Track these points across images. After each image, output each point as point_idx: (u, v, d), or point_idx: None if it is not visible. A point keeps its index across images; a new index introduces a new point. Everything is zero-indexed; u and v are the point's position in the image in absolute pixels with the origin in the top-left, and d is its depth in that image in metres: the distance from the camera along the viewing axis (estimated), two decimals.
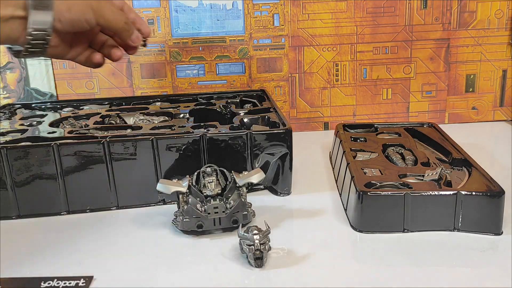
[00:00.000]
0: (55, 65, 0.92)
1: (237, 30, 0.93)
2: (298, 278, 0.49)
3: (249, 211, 0.58)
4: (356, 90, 0.96)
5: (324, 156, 0.82)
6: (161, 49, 0.93)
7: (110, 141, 0.63)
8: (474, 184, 0.57)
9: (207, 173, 0.58)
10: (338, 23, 0.93)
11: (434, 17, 0.93)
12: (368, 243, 0.55)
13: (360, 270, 0.50)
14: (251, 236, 0.50)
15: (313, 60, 0.94)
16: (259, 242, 0.49)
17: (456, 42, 0.94)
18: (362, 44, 0.94)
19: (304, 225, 0.59)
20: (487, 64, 0.96)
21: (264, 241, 0.50)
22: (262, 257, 0.49)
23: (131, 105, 0.84)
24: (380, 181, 0.59)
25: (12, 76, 0.93)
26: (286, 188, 0.67)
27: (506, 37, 0.94)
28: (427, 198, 0.55)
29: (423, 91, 0.97)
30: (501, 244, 0.53)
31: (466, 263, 0.50)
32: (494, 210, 0.55)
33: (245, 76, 0.95)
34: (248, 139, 0.65)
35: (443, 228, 0.56)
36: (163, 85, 0.94)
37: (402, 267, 0.50)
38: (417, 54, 0.95)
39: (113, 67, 0.93)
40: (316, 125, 0.98)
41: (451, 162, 0.66)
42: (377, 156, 0.68)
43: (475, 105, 0.98)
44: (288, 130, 0.66)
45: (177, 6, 0.91)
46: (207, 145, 0.65)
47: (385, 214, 0.56)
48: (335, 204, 0.64)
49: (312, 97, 0.96)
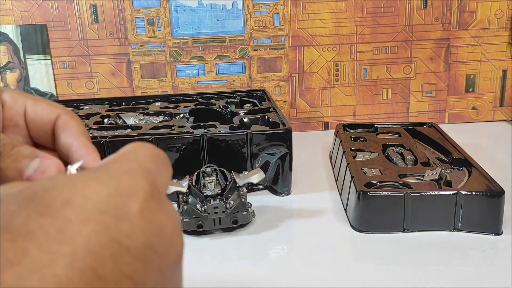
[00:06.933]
0: (55, 65, 0.92)
1: (237, 30, 0.93)
2: (298, 278, 0.49)
3: (249, 211, 0.58)
4: (356, 90, 0.96)
5: (324, 156, 0.82)
6: (161, 49, 0.93)
7: (110, 141, 0.63)
8: (474, 184, 0.57)
9: (207, 173, 0.58)
10: (338, 23, 0.93)
11: (434, 17, 0.93)
12: (368, 243, 0.55)
13: (360, 270, 0.50)
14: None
15: (313, 60, 0.94)
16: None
17: (456, 42, 0.94)
18: (362, 44, 0.94)
19: (304, 225, 0.59)
20: (487, 64, 0.96)
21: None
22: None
23: (131, 105, 0.84)
24: (380, 181, 0.59)
25: (12, 76, 0.93)
26: (286, 188, 0.67)
27: (506, 37, 0.94)
28: (427, 198, 0.55)
29: (423, 91, 0.97)
30: (501, 244, 0.53)
31: (466, 263, 0.50)
32: (494, 210, 0.55)
33: (245, 76, 0.95)
34: (248, 139, 0.65)
35: (443, 228, 0.56)
36: (163, 85, 0.94)
37: (402, 267, 0.50)
38: (417, 54, 0.95)
39: (113, 67, 0.93)
40: (316, 125, 0.98)
41: (451, 162, 0.66)
42: (377, 156, 0.68)
43: (475, 105, 0.98)
44: (288, 130, 0.66)
45: (177, 6, 0.91)
46: (207, 145, 0.65)
47: (385, 214, 0.56)
48: (335, 204, 0.64)
49: (312, 97, 0.96)
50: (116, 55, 0.92)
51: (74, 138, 0.29)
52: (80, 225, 0.18)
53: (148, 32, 0.91)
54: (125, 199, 0.20)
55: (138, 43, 0.92)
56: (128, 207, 0.20)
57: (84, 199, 0.19)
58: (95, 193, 0.20)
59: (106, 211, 0.19)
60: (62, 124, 0.30)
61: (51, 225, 0.18)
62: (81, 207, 0.19)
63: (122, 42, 0.92)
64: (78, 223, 0.18)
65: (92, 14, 0.90)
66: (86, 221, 0.19)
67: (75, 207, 0.19)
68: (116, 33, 0.91)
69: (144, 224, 0.20)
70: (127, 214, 0.20)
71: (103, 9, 0.90)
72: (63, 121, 0.30)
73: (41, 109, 0.30)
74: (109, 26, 0.91)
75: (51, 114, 0.30)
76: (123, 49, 0.92)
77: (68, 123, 0.30)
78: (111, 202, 0.20)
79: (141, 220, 0.20)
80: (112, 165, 0.22)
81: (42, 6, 0.89)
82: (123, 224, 0.19)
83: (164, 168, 0.25)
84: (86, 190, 0.20)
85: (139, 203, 0.20)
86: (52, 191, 0.19)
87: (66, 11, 0.89)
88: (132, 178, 0.21)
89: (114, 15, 0.90)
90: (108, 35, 0.91)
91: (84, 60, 0.92)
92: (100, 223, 0.19)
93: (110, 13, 0.90)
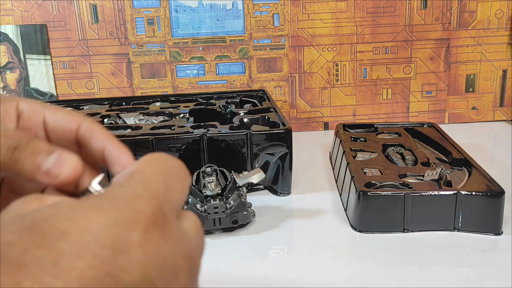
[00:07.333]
0: (55, 65, 0.92)
1: (237, 30, 0.93)
2: (298, 278, 0.49)
3: (249, 211, 0.58)
4: (356, 90, 0.96)
5: (324, 156, 0.82)
6: (161, 49, 0.93)
7: None
8: (474, 184, 0.57)
9: (207, 173, 0.58)
10: (338, 23, 0.93)
11: (434, 17, 0.93)
12: (368, 243, 0.55)
13: (360, 270, 0.50)
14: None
15: (313, 60, 0.94)
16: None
17: (456, 42, 0.94)
18: (362, 44, 0.94)
19: (304, 225, 0.59)
20: (487, 64, 0.96)
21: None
22: None
23: (131, 105, 0.84)
24: (380, 181, 0.59)
25: (12, 76, 0.93)
26: (286, 188, 0.67)
27: (506, 37, 0.94)
28: (427, 198, 0.55)
29: (423, 91, 0.97)
30: (501, 244, 0.53)
31: (466, 263, 0.50)
32: (494, 210, 0.55)
33: (245, 76, 0.95)
34: (248, 139, 0.65)
35: (443, 228, 0.56)
36: (163, 85, 0.94)
37: (402, 267, 0.50)
38: (417, 54, 0.95)
39: (113, 67, 0.93)
40: (316, 125, 0.98)
41: (451, 162, 0.66)
42: (377, 156, 0.68)
43: (475, 105, 0.98)
44: (288, 130, 0.66)
45: (177, 6, 0.91)
46: (207, 145, 0.65)
47: (385, 214, 0.56)
48: (335, 204, 0.64)
49: (312, 97, 0.96)
50: (116, 55, 0.92)
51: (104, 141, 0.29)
52: (75, 258, 0.18)
53: (148, 32, 0.91)
54: (125, 230, 0.20)
55: (138, 43, 0.92)
56: (128, 238, 0.19)
57: (82, 231, 0.19)
58: (95, 224, 0.19)
59: (104, 243, 0.19)
60: (87, 131, 0.29)
61: (46, 257, 0.18)
62: (77, 240, 0.18)
63: (122, 42, 0.92)
64: (73, 256, 0.18)
65: (92, 14, 0.90)
66: (82, 254, 0.18)
67: (71, 239, 0.18)
68: (116, 33, 0.91)
69: (143, 256, 0.20)
70: (126, 246, 0.19)
71: (103, 9, 0.90)
72: (87, 129, 0.30)
73: (61, 119, 0.30)
74: (109, 26, 0.91)
75: (72, 123, 0.30)
76: (123, 49, 0.92)
77: (93, 129, 0.30)
78: (110, 234, 0.19)
79: (140, 252, 0.20)
80: (118, 190, 0.22)
81: (42, 6, 0.89)
82: (120, 257, 0.19)
83: (177, 183, 0.24)
84: (86, 221, 0.19)
85: (140, 233, 0.20)
86: (51, 221, 0.19)
87: (66, 11, 0.89)
88: (134, 205, 0.21)
89: (114, 15, 0.90)
90: (108, 35, 0.91)
91: (84, 60, 0.92)
92: (96, 257, 0.18)
93: (110, 13, 0.90)
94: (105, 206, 0.20)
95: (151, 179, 0.23)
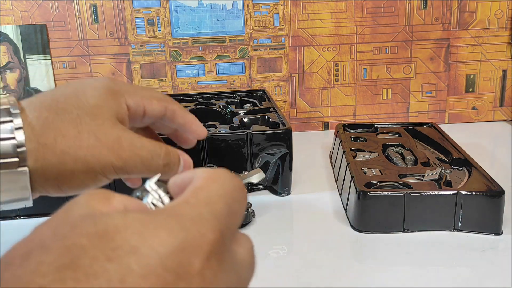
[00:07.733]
0: (55, 65, 0.92)
1: (237, 30, 0.93)
2: (298, 278, 0.49)
3: (249, 211, 0.58)
4: (356, 90, 0.96)
5: (324, 156, 0.82)
6: (161, 49, 0.93)
7: None
8: (474, 184, 0.57)
9: None
10: (338, 23, 0.93)
11: (434, 17, 0.93)
12: (368, 243, 0.55)
13: (360, 270, 0.50)
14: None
15: (313, 60, 0.94)
16: None
17: (456, 42, 0.94)
18: (362, 44, 0.94)
19: (304, 225, 0.59)
20: (487, 64, 0.96)
21: None
22: None
23: None
24: (380, 181, 0.59)
25: (12, 76, 0.93)
26: (286, 188, 0.67)
27: (506, 37, 0.94)
28: (427, 198, 0.55)
29: (423, 91, 0.97)
30: (501, 244, 0.53)
31: (466, 263, 0.50)
32: (494, 210, 0.55)
33: (245, 76, 0.95)
34: (248, 139, 0.65)
35: (443, 228, 0.56)
36: (163, 85, 0.94)
37: (402, 267, 0.50)
38: (417, 54, 0.95)
39: (113, 67, 0.93)
40: (316, 125, 0.98)
41: (451, 162, 0.66)
42: (377, 156, 0.68)
43: (475, 105, 0.98)
44: (288, 130, 0.66)
45: (177, 6, 0.91)
46: (207, 145, 0.65)
47: (385, 214, 0.56)
48: (335, 204, 0.64)
49: (312, 97, 0.96)
50: (116, 55, 0.92)
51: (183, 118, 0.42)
52: (141, 278, 0.18)
53: (148, 32, 0.91)
54: (189, 255, 0.20)
55: (138, 43, 0.92)
56: (190, 265, 0.20)
57: (151, 250, 0.19)
58: (163, 245, 0.19)
59: (169, 267, 0.19)
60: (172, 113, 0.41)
61: (115, 272, 0.18)
62: (146, 259, 0.19)
63: (122, 42, 0.92)
64: (140, 276, 0.18)
65: (92, 14, 0.90)
66: (147, 276, 0.18)
67: (140, 257, 0.19)
68: (116, 33, 0.91)
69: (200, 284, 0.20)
70: (188, 273, 0.20)
71: (103, 9, 0.90)
72: (172, 111, 0.41)
73: (155, 107, 0.40)
74: (109, 26, 0.91)
75: (162, 109, 0.41)
76: (123, 49, 0.92)
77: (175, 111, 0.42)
78: (176, 258, 0.19)
79: (199, 281, 0.20)
80: (184, 208, 0.22)
81: (42, 6, 0.89)
82: (181, 283, 0.19)
83: (238, 206, 0.24)
84: (155, 240, 0.20)
85: (202, 261, 0.20)
86: (123, 233, 0.19)
87: (66, 11, 0.89)
88: (199, 229, 0.21)
89: (114, 15, 0.90)
90: (108, 35, 0.91)
91: (84, 60, 0.92)
92: (160, 279, 0.19)
93: (110, 13, 0.90)
94: (173, 226, 0.20)
95: (215, 201, 0.23)
